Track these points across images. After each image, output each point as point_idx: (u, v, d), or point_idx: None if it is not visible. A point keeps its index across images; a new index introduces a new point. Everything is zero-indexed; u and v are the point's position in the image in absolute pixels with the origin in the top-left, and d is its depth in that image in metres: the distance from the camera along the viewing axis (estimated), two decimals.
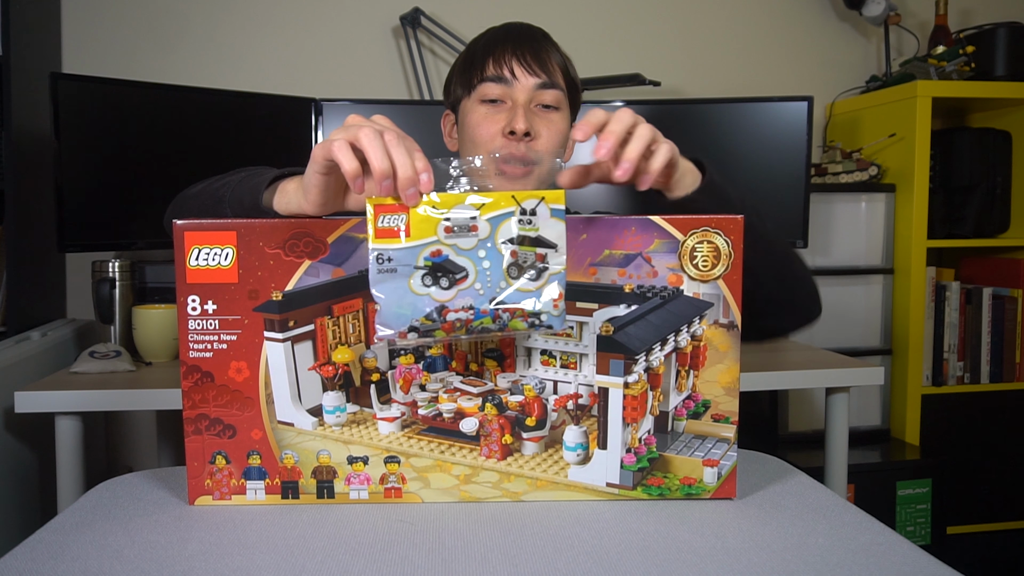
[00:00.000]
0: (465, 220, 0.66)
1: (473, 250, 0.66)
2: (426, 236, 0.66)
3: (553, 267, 0.67)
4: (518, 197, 0.67)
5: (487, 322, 0.66)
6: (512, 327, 0.67)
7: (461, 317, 0.66)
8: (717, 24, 2.36)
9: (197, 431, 0.74)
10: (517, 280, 0.67)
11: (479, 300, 0.66)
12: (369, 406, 0.74)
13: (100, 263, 1.68)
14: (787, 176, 1.94)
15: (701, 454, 0.75)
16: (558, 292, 0.67)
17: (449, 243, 0.66)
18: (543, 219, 0.67)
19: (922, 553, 0.65)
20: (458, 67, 1.15)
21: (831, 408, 1.63)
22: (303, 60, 2.13)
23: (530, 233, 0.67)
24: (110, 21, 2.06)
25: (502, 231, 0.67)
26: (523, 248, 0.67)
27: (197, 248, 0.71)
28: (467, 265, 0.66)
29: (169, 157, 1.72)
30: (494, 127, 1.08)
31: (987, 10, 2.45)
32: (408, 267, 0.66)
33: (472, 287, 0.66)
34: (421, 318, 0.66)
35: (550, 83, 1.09)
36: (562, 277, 0.67)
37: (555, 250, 0.67)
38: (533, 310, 0.67)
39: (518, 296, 0.67)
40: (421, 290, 0.66)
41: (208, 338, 0.72)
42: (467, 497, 0.75)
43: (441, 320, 0.66)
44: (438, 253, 0.66)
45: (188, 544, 0.66)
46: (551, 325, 0.67)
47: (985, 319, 2.21)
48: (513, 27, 1.14)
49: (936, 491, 1.99)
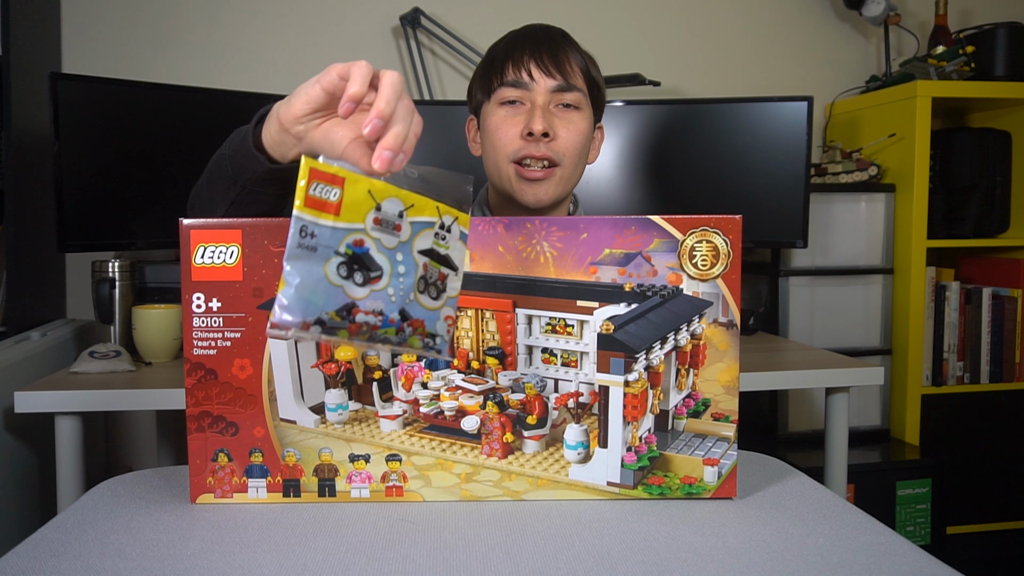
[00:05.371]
0: (393, 216, 0.62)
1: (393, 250, 0.62)
2: (354, 221, 0.60)
3: (450, 291, 0.64)
4: (440, 209, 0.63)
5: (391, 332, 0.61)
6: (409, 343, 0.63)
7: (369, 321, 0.60)
8: (717, 24, 2.36)
9: (200, 428, 0.74)
10: (422, 295, 0.63)
11: (390, 307, 0.61)
12: (371, 404, 0.74)
13: (100, 263, 1.68)
14: (787, 176, 1.94)
15: (701, 453, 0.75)
16: (452, 316, 0.64)
17: (375, 236, 0.61)
18: (453, 239, 0.64)
19: (922, 553, 0.65)
20: (479, 72, 1.14)
21: (831, 408, 1.63)
22: (303, 60, 2.14)
23: (441, 250, 0.64)
24: (110, 21, 2.06)
25: (419, 240, 0.63)
26: (432, 264, 0.63)
27: (203, 246, 0.72)
28: (384, 265, 0.62)
29: (169, 157, 1.72)
30: (513, 129, 1.07)
31: (987, 10, 2.46)
32: (329, 249, 0.59)
33: (385, 291, 0.61)
34: (331, 312, 0.59)
35: (568, 85, 1.08)
36: (454, 302, 0.64)
37: (455, 273, 0.64)
38: (432, 331, 0.63)
39: (421, 312, 0.63)
40: (336, 280, 0.60)
41: (212, 335, 0.73)
42: (468, 496, 0.75)
43: (349, 320, 0.60)
44: (360, 243, 0.60)
45: (190, 542, 0.66)
46: (440, 350, 0.64)
47: (985, 319, 2.21)
48: (533, 29, 1.13)
49: (936, 491, 1.99)
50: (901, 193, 2.13)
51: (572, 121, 1.09)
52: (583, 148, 1.11)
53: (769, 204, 1.96)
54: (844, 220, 2.14)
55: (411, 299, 0.62)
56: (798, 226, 1.95)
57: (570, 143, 1.08)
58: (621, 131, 1.94)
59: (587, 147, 1.13)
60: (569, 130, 1.08)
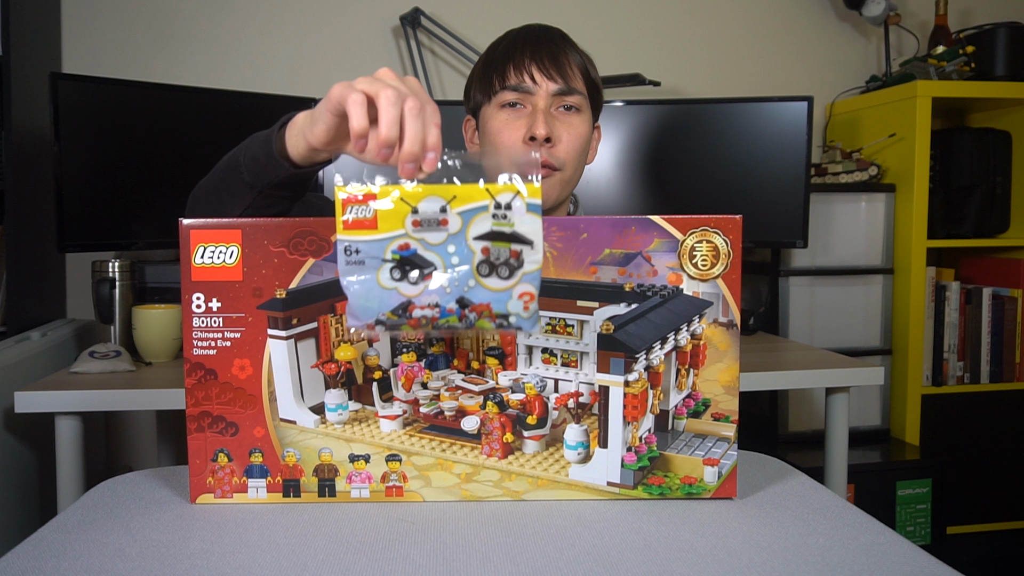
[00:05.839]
0: (434, 213, 0.63)
1: (442, 245, 0.63)
2: (393, 229, 0.63)
3: (528, 265, 0.64)
4: (491, 190, 0.63)
5: (453, 320, 0.63)
6: (479, 327, 0.64)
7: (427, 314, 0.63)
8: (717, 24, 2.36)
9: (200, 429, 0.74)
10: (487, 278, 0.63)
11: (445, 298, 0.63)
12: (371, 404, 0.74)
13: (100, 263, 1.68)
14: (787, 176, 1.95)
15: (701, 453, 0.75)
16: (531, 292, 0.64)
17: (417, 237, 0.63)
18: (518, 214, 0.63)
19: (922, 553, 0.65)
20: (478, 73, 1.14)
21: (831, 408, 1.63)
22: (303, 60, 2.13)
23: (504, 229, 0.63)
24: (110, 21, 2.06)
25: (475, 226, 0.63)
26: (496, 244, 0.63)
27: (202, 246, 0.72)
28: (435, 260, 0.63)
29: (169, 157, 1.72)
30: (515, 133, 1.07)
31: (987, 10, 2.46)
32: (376, 259, 0.63)
33: (439, 284, 0.63)
34: (387, 313, 0.63)
35: (569, 88, 1.08)
36: (536, 276, 0.64)
37: (530, 247, 0.63)
38: (502, 311, 0.63)
39: (486, 295, 0.63)
40: (389, 284, 0.63)
41: (212, 335, 0.73)
42: (468, 496, 0.75)
43: (407, 316, 0.63)
44: (406, 247, 0.63)
45: (190, 542, 0.66)
46: (520, 327, 0.64)
47: (985, 319, 2.21)
48: (532, 30, 1.13)
49: (936, 491, 1.99)
50: (901, 193, 2.13)
51: (573, 124, 1.09)
52: (583, 151, 1.11)
53: (769, 204, 1.96)
54: (844, 220, 2.14)
55: (471, 286, 0.64)
56: (798, 226, 1.95)
57: (571, 147, 1.09)
58: (621, 131, 1.94)
59: (587, 149, 1.13)
60: (570, 134, 1.08)
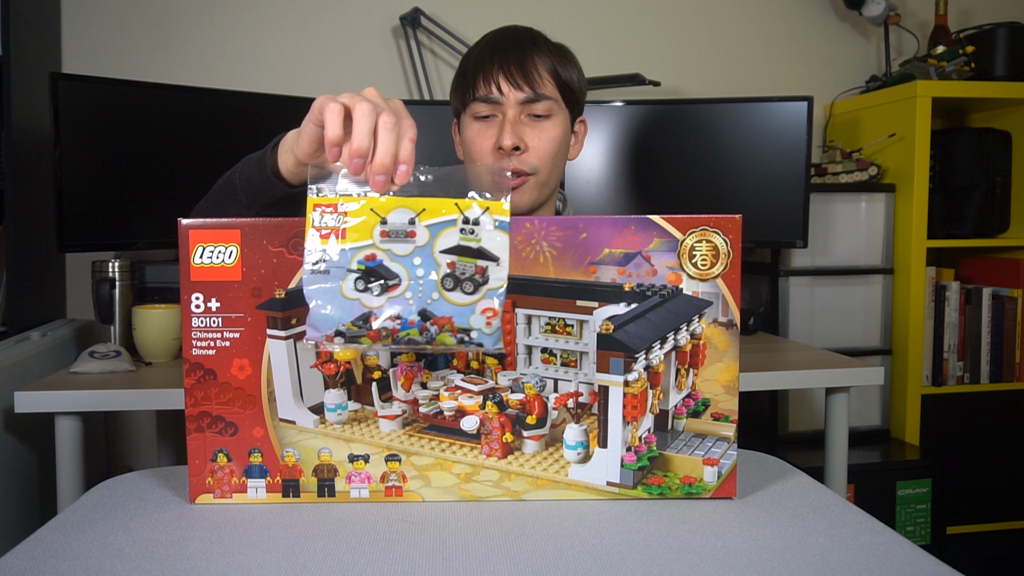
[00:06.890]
0: (403, 225, 0.64)
1: (408, 256, 0.64)
2: (362, 239, 0.64)
3: (493, 282, 0.64)
4: (460, 205, 0.64)
5: (414, 333, 0.63)
6: (440, 341, 0.64)
7: (387, 326, 0.63)
8: (717, 24, 2.36)
9: (199, 429, 0.74)
10: (451, 292, 0.64)
11: (407, 310, 0.63)
12: (370, 404, 0.74)
13: (100, 263, 1.68)
14: (787, 176, 1.95)
15: (701, 453, 0.75)
16: (494, 309, 0.64)
17: (384, 248, 0.64)
18: (486, 230, 0.64)
19: (922, 553, 0.65)
20: (454, 83, 1.16)
21: (831, 408, 1.63)
22: (303, 60, 2.14)
23: (471, 244, 0.64)
24: (110, 21, 2.06)
25: (442, 239, 0.64)
26: (462, 259, 0.64)
27: (201, 246, 0.72)
28: (400, 272, 0.64)
29: (169, 157, 1.72)
30: (487, 143, 1.10)
31: (987, 10, 2.46)
32: (341, 269, 0.64)
33: (403, 296, 0.63)
34: (348, 323, 0.64)
35: (536, 95, 1.09)
36: (501, 293, 0.64)
37: (496, 263, 0.64)
38: (464, 325, 0.63)
39: (449, 308, 0.63)
40: (352, 294, 0.64)
41: (211, 336, 0.72)
42: (468, 496, 0.75)
43: (367, 327, 0.63)
44: (372, 257, 0.64)
45: (189, 543, 0.66)
46: (481, 343, 0.64)
47: (985, 319, 2.21)
48: (503, 35, 1.14)
49: (936, 491, 1.99)
50: (901, 193, 2.13)
51: (543, 130, 1.10)
52: (557, 152, 1.12)
53: (769, 204, 1.96)
54: (844, 220, 2.14)
55: (434, 298, 0.64)
56: (798, 226, 1.95)
57: (542, 151, 1.10)
58: (621, 131, 1.94)
59: (563, 149, 1.14)
60: (540, 138, 1.10)
